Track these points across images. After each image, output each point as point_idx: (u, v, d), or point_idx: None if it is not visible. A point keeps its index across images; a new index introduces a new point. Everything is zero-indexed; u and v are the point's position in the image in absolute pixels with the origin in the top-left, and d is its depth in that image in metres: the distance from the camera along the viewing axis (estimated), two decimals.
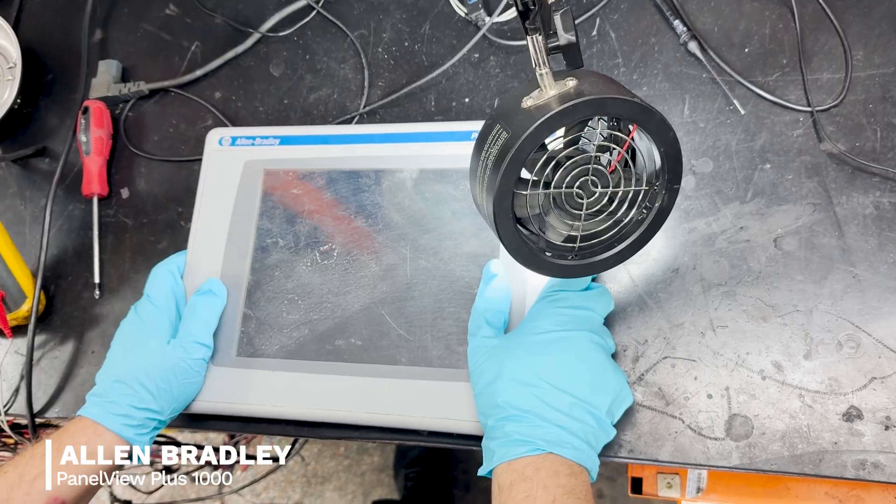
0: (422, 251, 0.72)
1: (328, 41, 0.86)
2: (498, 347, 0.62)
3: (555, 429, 0.57)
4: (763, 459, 0.63)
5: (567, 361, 0.60)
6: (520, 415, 0.58)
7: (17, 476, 0.62)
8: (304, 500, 1.83)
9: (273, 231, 0.77)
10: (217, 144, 0.81)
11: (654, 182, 0.56)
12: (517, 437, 0.57)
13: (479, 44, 0.81)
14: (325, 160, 0.77)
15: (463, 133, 0.74)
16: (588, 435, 0.58)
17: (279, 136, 0.80)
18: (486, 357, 0.62)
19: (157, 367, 0.68)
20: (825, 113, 0.70)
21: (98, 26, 0.94)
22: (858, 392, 0.63)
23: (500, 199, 0.52)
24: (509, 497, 0.55)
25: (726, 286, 0.68)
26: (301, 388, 0.71)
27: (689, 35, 0.74)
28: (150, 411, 0.67)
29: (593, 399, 0.59)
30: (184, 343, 0.70)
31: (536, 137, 0.50)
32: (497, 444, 0.58)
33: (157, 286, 0.74)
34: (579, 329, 0.62)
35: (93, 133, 0.86)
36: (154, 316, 0.72)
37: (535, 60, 0.50)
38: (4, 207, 0.90)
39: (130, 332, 0.71)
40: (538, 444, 0.56)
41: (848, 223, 0.67)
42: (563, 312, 0.62)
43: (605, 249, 0.59)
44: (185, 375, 0.69)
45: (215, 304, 0.74)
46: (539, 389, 0.58)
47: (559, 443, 0.57)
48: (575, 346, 0.61)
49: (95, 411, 0.66)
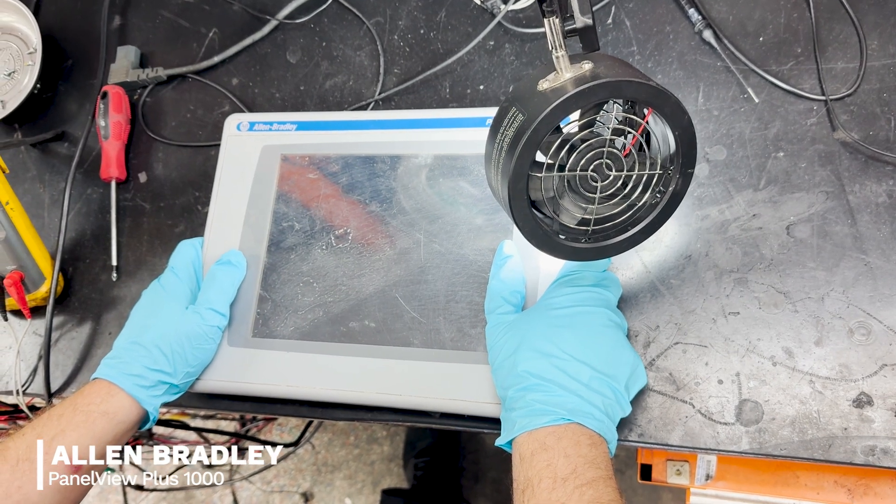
0: (435, 235, 0.73)
1: (344, 28, 0.87)
2: (517, 321, 0.63)
3: (576, 398, 0.57)
4: (773, 444, 0.63)
5: (587, 335, 0.61)
6: (541, 383, 0.58)
7: (36, 436, 0.63)
8: (313, 488, 1.85)
9: (289, 215, 0.78)
10: (235, 130, 0.82)
11: (669, 166, 0.56)
12: (538, 407, 0.57)
13: (495, 31, 0.81)
14: (341, 146, 0.78)
15: (478, 119, 0.75)
16: (607, 407, 0.59)
17: (296, 122, 0.81)
18: (505, 331, 0.63)
19: (172, 330, 0.69)
20: (839, 102, 0.71)
21: (117, 12, 0.95)
22: (869, 378, 0.63)
23: (515, 182, 0.53)
24: (530, 466, 0.55)
25: (738, 273, 0.68)
26: (315, 368, 0.72)
27: (704, 23, 0.74)
28: (163, 373, 0.68)
29: (612, 372, 0.60)
30: (200, 309, 0.72)
31: (552, 120, 0.50)
32: (519, 415, 0.58)
33: (180, 258, 0.76)
34: (597, 306, 0.63)
35: (111, 118, 0.87)
36: (174, 284, 0.73)
37: (551, 43, 0.51)
38: (24, 191, 0.91)
39: (150, 299, 0.73)
40: (560, 412, 0.57)
41: (861, 211, 0.67)
42: (582, 290, 0.63)
43: (619, 233, 0.59)
44: (199, 341, 0.70)
45: (234, 274, 0.75)
46: (560, 360, 0.59)
47: (581, 413, 0.57)
48: (594, 320, 0.62)
49: (109, 372, 0.67)
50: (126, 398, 0.67)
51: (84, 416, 0.65)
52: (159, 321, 0.70)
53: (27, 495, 0.61)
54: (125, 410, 0.67)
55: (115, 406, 0.66)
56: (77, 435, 0.64)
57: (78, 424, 0.64)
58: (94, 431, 0.65)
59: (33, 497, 0.62)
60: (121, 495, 1.70)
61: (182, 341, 0.69)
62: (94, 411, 0.65)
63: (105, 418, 0.65)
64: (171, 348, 0.69)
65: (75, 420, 0.65)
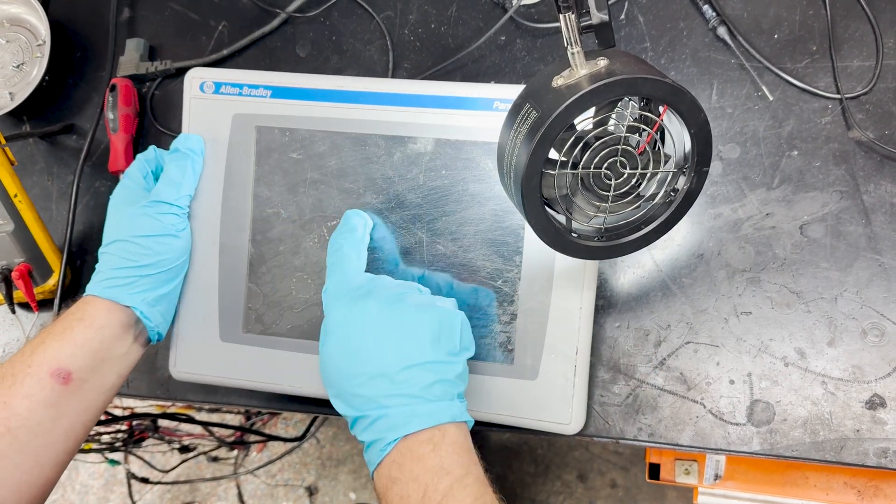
0: (439, 236, 0.69)
1: (354, 22, 0.87)
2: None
3: (393, 407, 0.55)
4: (784, 445, 0.63)
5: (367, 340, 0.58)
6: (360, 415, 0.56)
7: (20, 354, 0.63)
8: (318, 482, 1.85)
9: (273, 200, 0.72)
10: (199, 91, 0.74)
11: (683, 164, 0.56)
12: (366, 439, 0.56)
13: (506, 26, 0.81)
14: (327, 121, 0.71)
15: (485, 100, 0.68)
16: (429, 389, 0.55)
17: (271, 87, 0.72)
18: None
19: (127, 232, 0.67)
20: (854, 100, 0.70)
21: (126, 5, 0.95)
22: (882, 380, 0.63)
23: (529, 179, 0.52)
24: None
25: (751, 272, 0.67)
26: (315, 369, 0.69)
27: (719, 20, 0.74)
28: (132, 268, 0.66)
29: (413, 352, 0.57)
30: (149, 204, 0.69)
31: (567, 117, 0.50)
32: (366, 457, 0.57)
33: (132, 165, 0.73)
34: (364, 300, 0.60)
35: (120, 111, 0.87)
36: (121, 191, 0.71)
37: (566, 39, 0.50)
38: (32, 183, 0.91)
39: (108, 216, 0.71)
40: (385, 435, 0.54)
41: (875, 211, 0.67)
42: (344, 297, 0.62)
43: (632, 231, 0.59)
44: (157, 231, 0.68)
45: (181, 160, 0.71)
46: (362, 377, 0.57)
47: (402, 420, 0.54)
48: (364, 320, 0.59)
49: (87, 289, 0.67)
50: (101, 302, 0.65)
51: (62, 326, 0.64)
52: (116, 224, 0.69)
53: (14, 409, 0.60)
54: (102, 313, 0.65)
55: (90, 312, 0.65)
56: (58, 344, 0.63)
57: (57, 335, 0.63)
58: (74, 339, 0.63)
59: (20, 411, 0.60)
60: (126, 487, 1.70)
61: (140, 240, 0.67)
62: (71, 320, 0.64)
63: (82, 324, 0.64)
64: (133, 243, 0.67)
65: (54, 331, 0.64)
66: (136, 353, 0.69)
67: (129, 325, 0.67)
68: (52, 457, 0.62)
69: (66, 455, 0.64)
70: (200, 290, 0.73)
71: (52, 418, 0.61)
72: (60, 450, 0.63)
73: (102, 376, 0.65)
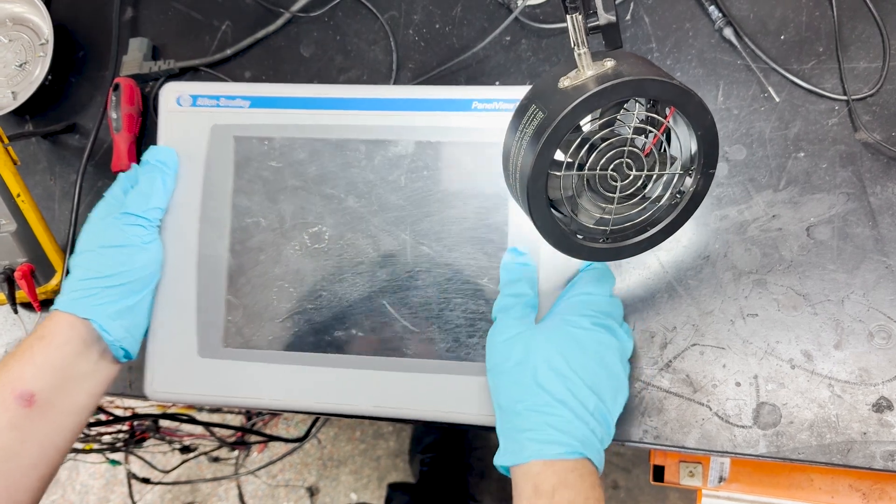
0: (423, 236, 0.68)
1: (359, 22, 0.86)
2: (533, 330, 0.61)
3: (585, 429, 0.57)
4: (790, 448, 0.63)
5: (597, 362, 0.60)
6: (552, 404, 0.57)
7: None
8: (319, 482, 1.85)
9: (252, 209, 0.71)
10: (175, 104, 0.73)
11: (690, 166, 0.56)
12: (553, 434, 0.56)
13: (511, 27, 0.80)
14: (305, 128, 0.70)
15: (463, 101, 0.68)
16: (605, 440, 0.59)
17: (249, 98, 0.72)
18: (517, 336, 0.61)
19: (94, 244, 0.67)
20: (861, 102, 0.70)
21: (129, 4, 0.94)
22: (889, 383, 0.62)
23: (535, 180, 0.52)
24: (551, 502, 0.54)
25: (757, 274, 0.67)
26: (301, 381, 0.69)
27: (725, 21, 0.73)
28: (94, 279, 0.65)
29: (610, 404, 0.59)
30: (115, 216, 0.68)
31: (573, 118, 0.49)
32: (529, 437, 0.57)
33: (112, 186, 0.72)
34: (610, 332, 0.62)
35: (123, 110, 0.86)
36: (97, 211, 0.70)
37: (573, 40, 0.50)
38: (35, 183, 0.91)
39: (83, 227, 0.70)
40: (575, 444, 0.56)
41: (882, 213, 0.66)
42: (596, 313, 0.62)
43: (637, 233, 0.58)
44: (121, 242, 0.66)
45: (150, 173, 0.70)
46: (571, 383, 0.58)
47: (590, 446, 0.56)
48: (605, 349, 0.61)
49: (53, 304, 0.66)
50: (63, 317, 0.64)
51: (23, 346, 0.63)
52: (84, 240, 0.68)
53: None
54: (64, 329, 0.63)
55: (51, 329, 0.63)
56: (19, 366, 0.62)
57: (18, 356, 0.62)
58: (34, 359, 0.62)
59: None
60: (126, 487, 1.70)
61: (103, 250, 0.66)
62: (32, 339, 0.63)
63: (42, 343, 0.63)
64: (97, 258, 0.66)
65: (16, 353, 0.63)
66: (107, 371, 0.67)
67: (92, 341, 0.65)
68: (25, 483, 0.60)
69: (40, 481, 0.62)
70: (176, 304, 0.72)
71: (19, 441, 0.60)
72: (33, 475, 0.61)
73: (70, 396, 0.63)
